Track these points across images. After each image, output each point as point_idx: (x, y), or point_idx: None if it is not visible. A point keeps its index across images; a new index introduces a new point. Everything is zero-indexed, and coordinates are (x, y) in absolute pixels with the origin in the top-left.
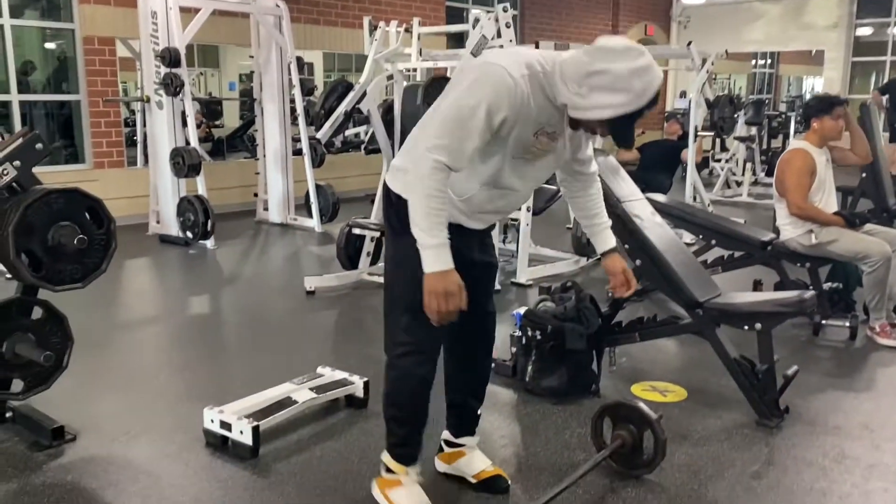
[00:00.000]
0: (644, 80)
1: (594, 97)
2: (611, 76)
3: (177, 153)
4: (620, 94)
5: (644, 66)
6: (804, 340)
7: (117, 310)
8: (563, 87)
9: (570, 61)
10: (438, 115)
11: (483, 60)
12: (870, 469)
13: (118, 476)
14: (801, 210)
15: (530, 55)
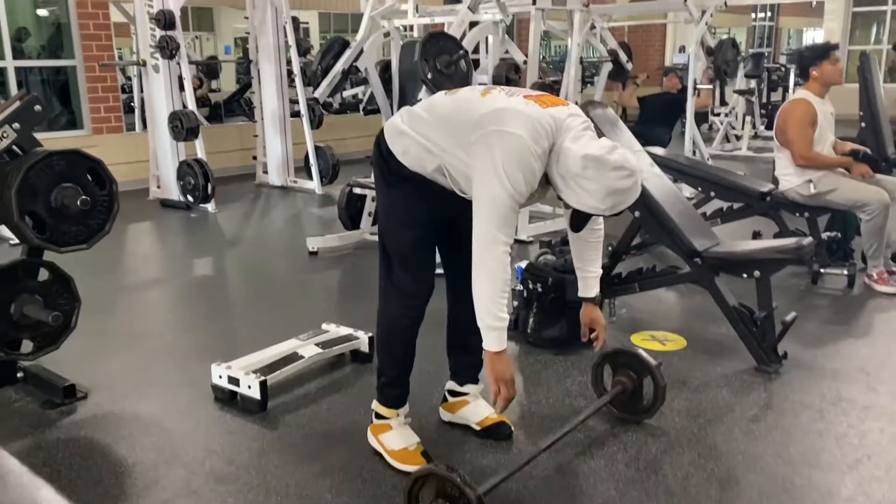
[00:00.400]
0: (617, 199)
1: (572, 189)
2: (594, 186)
3: (175, 117)
4: (592, 200)
5: (625, 188)
6: (803, 289)
7: (121, 273)
8: (554, 166)
9: (569, 153)
10: (495, 211)
11: (511, 132)
12: (866, 410)
13: (130, 430)
14: (807, 160)
15: (544, 120)
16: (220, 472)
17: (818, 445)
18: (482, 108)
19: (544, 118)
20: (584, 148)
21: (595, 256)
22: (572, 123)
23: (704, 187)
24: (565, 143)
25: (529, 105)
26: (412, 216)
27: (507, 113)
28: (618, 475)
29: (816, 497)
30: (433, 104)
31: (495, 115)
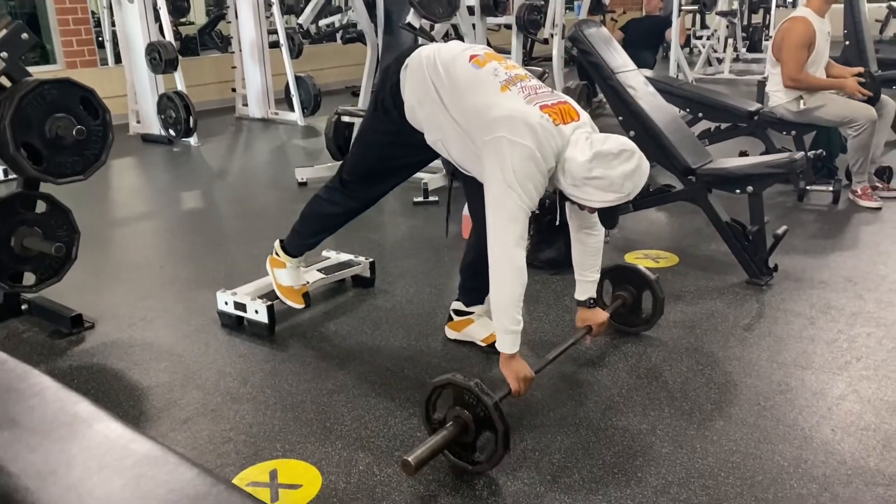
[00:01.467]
0: (634, 181)
1: (588, 192)
2: (606, 181)
3: (152, 48)
4: (612, 193)
5: (634, 168)
6: (790, 206)
7: (112, 208)
8: (562, 177)
9: (573, 162)
10: (509, 215)
11: (524, 145)
12: (853, 317)
13: (141, 356)
14: (795, 82)
15: (554, 138)
16: (236, 391)
17: (810, 350)
18: (498, 108)
19: (554, 136)
20: (582, 152)
21: (594, 262)
22: (574, 136)
23: (692, 108)
24: (567, 153)
25: (543, 119)
26: (390, 153)
27: (520, 126)
28: (620, 382)
29: (809, 396)
30: (454, 69)
31: (509, 123)
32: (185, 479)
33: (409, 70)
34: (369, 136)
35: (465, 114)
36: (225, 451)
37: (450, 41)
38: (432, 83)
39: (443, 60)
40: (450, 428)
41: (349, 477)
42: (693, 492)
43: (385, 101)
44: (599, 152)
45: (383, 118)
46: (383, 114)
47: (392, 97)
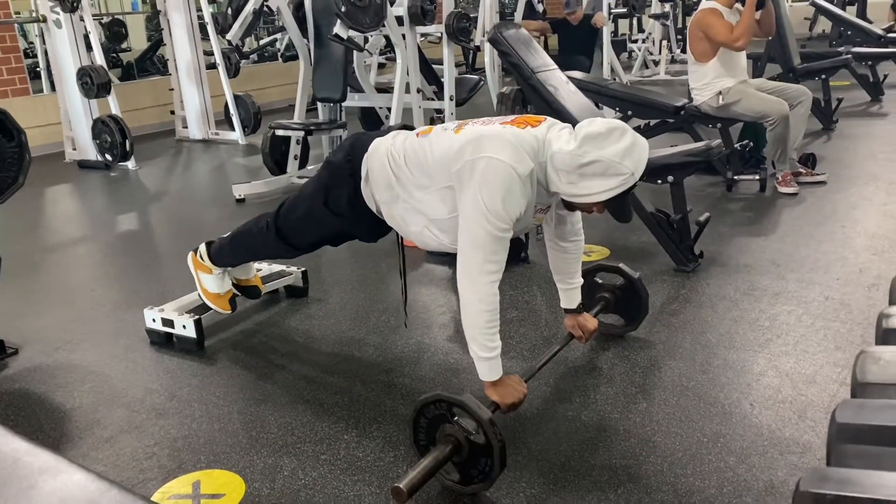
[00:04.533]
0: (633, 157)
1: (587, 184)
2: (603, 164)
3: (83, 73)
4: (613, 178)
5: (630, 143)
6: (718, 196)
7: (44, 234)
8: (556, 177)
9: (561, 154)
10: (477, 242)
11: (490, 157)
12: (775, 296)
13: (66, 379)
14: (738, 41)
15: (525, 140)
16: (162, 407)
17: (733, 330)
18: (460, 139)
19: (525, 138)
20: (568, 142)
21: (576, 268)
22: (551, 135)
23: (622, 106)
24: (554, 147)
25: (507, 129)
26: (335, 231)
27: (485, 139)
28: (549, 372)
29: (731, 374)
30: (408, 147)
31: (474, 144)
32: (89, 490)
33: (372, 167)
34: (315, 211)
35: (433, 172)
36: (147, 466)
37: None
38: (393, 174)
39: (396, 149)
40: (441, 448)
41: (273, 483)
42: (614, 473)
43: (346, 171)
44: (587, 135)
45: (335, 192)
46: (348, 181)
47: (353, 169)
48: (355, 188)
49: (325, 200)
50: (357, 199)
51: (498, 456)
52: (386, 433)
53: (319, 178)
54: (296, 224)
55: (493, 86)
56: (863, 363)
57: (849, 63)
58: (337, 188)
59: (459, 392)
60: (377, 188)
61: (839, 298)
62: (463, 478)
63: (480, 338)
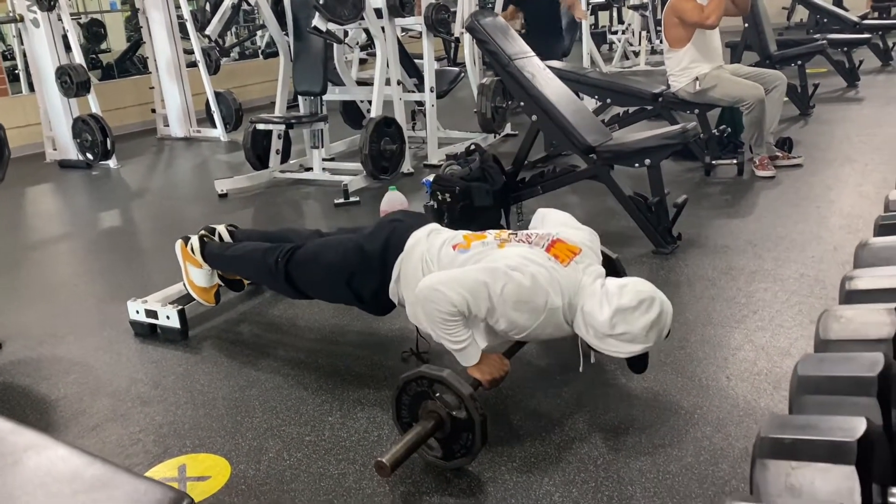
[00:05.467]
0: (658, 329)
1: (612, 344)
2: (630, 335)
3: (63, 72)
4: (637, 345)
5: (657, 316)
6: (697, 181)
7: (25, 233)
8: (584, 329)
9: (593, 317)
10: (462, 275)
11: (534, 276)
12: (752, 275)
13: (50, 371)
14: (708, 18)
15: (565, 281)
16: (147, 395)
17: (710, 308)
18: (498, 256)
19: (564, 276)
20: (601, 308)
21: None
22: (586, 280)
23: (601, 94)
24: (586, 306)
25: (551, 261)
26: (349, 300)
27: (527, 266)
28: (530, 352)
29: (708, 349)
30: (442, 259)
31: (518, 263)
32: (86, 471)
33: (405, 271)
34: (335, 284)
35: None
36: (133, 451)
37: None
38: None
39: (431, 256)
40: (424, 424)
41: (259, 464)
42: (594, 445)
43: (372, 264)
44: (619, 308)
45: (361, 279)
46: (363, 274)
47: (385, 264)
48: (383, 283)
49: (349, 282)
50: (382, 293)
51: (479, 430)
52: (370, 414)
53: (346, 258)
54: (308, 281)
55: (473, 78)
56: (825, 321)
57: (824, 49)
58: (364, 276)
59: (442, 370)
60: (406, 288)
61: (814, 275)
62: (445, 453)
63: (446, 335)
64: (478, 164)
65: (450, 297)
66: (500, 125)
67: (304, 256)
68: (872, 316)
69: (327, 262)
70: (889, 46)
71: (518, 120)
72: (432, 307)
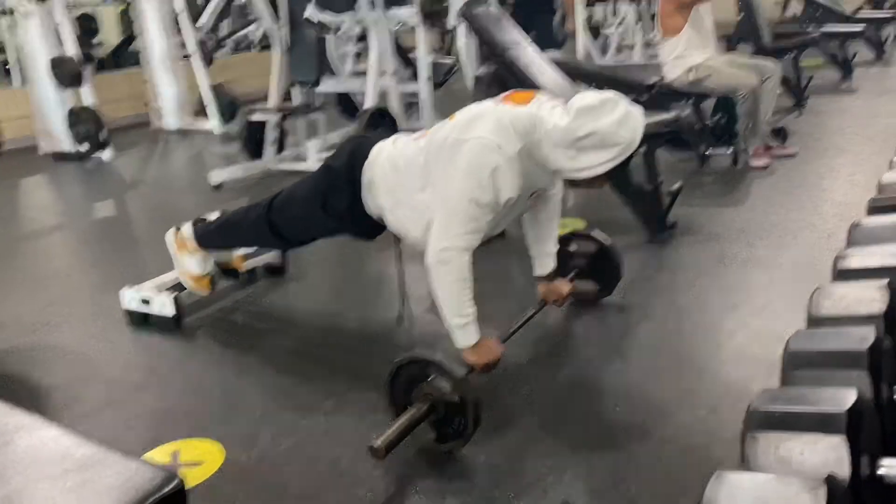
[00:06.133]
0: (629, 127)
1: (585, 158)
2: (598, 136)
3: (56, 63)
4: (611, 148)
5: (624, 113)
6: (692, 171)
7: (19, 224)
8: (553, 154)
9: (556, 129)
10: (451, 211)
11: (478, 137)
12: (745, 262)
13: (43, 359)
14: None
15: (518, 118)
16: (141, 382)
17: (704, 295)
18: (452, 124)
19: (518, 116)
20: (561, 117)
21: (551, 234)
22: (543, 112)
23: (595, 85)
24: (547, 126)
25: (499, 108)
26: (332, 228)
27: (475, 121)
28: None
29: (702, 335)
30: (406, 153)
31: (464, 124)
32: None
33: (374, 175)
34: (312, 214)
35: (431, 166)
36: (126, 437)
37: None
38: (395, 179)
39: (398, 153)
40: (417, 407)
41: (252, 449)
42: (587, 428)
43: (346, 174)
44: (580, 108)
45: (334, 197)
46: (346, 186)
47: (352, 173)
48: (354, 195)
49: (323, 205)
50: (356, 206)
51: (472, 413)
52: (364, 400)
53: (317, 182)
54: (290, 221)
55: (468, 70)
56: (817, 298)
57: (818, 41)
58: (336, 194)
59: (435, 353)
60: (378, 194)
61: (807, 262)
62: (439, 436)
63: (454, 306)
64: None
65: (458, 245)
66: None
67: (281, 199)
68: (864, 292)
69: (301, 194)
70: (883, 39)
71: None
72: (447, 271)
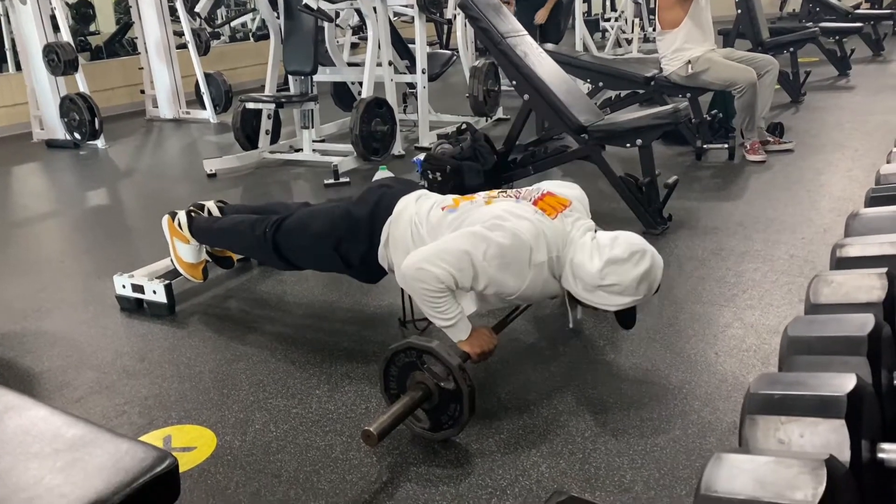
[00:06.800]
0: (648, 282)
1: (602, 296)
2: (620, 287)
3: (50, 49)
4: (627, 297)
5: (648, 269)
6: (688, 165)
7: (11, 210)
8: (573, 282)
9: (583, 269)
10: (444, 248)
11: (516, 232)
12: (742, 255)
13: (34, 345)
14: None
15: (553, 234)
16: (132, 368)
17: (700, 287)
18: (487, 211)
19: (554, 231)
20: (591, 259)
21: None
22: (574, 234)
23: (593, 77)
24: (575, 258)
25: (537, 214)
26: (339, 268)
27: (512, 215)
28: (519, 328)
29: (698, 326)
30: (431, 221)
31: (501, 216)
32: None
33: (393, 234)
34: (323, 251)
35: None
36: (118, 423)
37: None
38: (413, 243)
39: (420, 218)
40: (412, 394)
41: (245, 436)
42: (582, 418)
43: (360, 229)
44: (610, 259)
45: (349, 245)
46: (351, 240)
47: (372, 230)
48: (371, 248)
49: (337, 248)
50: (371, 257)
51: (467, 401)
52: (358, 388)
53: (334, 224)
54: (297, 250)
55: (466, 62)
56: (816, 285)
57: (816, 36)
58: (352, 242)
59: (430, 341)
60: (395, 253)
61: (804, 256)
62: (433, 424)
63: (434, 313)
64: (469, 144)
65: (434, 273)
66: (491, 109)
67: (291, 225)
68: (863, 280)
69: (315, 229)
70: (881, 36)
71: (510, 104)
72: (419, 286)
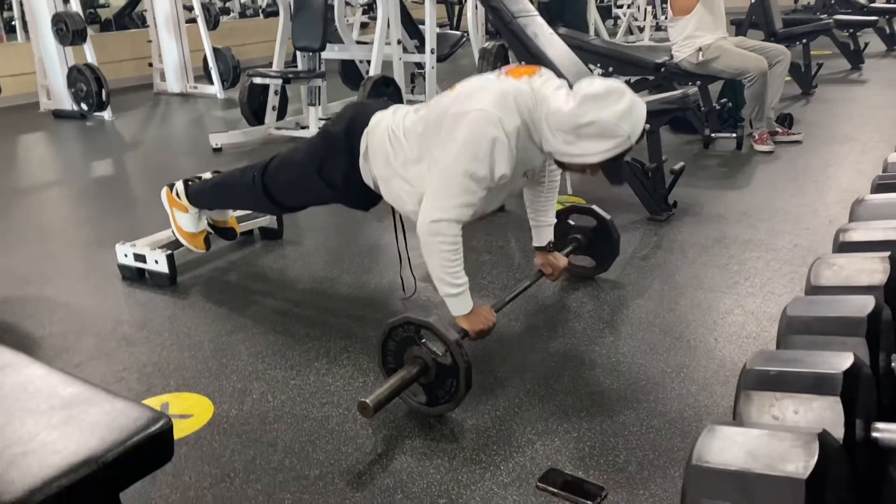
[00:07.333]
0: (630, 121)
1: (583, 145)
2: (599, 125)
3: (59, 19)
4: (609, 140)
5: (628, 107)
6: (696, 153)
7: (16, 178)
8: (551, 136)
9: (558, 113)
10: (445, 182)
11: (479, 109)
12: (746, 244)
13: (35, 310)
14: None
15: (520, 94)
16: (132, 336)
17: (702, 274)
18: (452, 95)
19: (521, 90)
20: (566, 101)
21: (549, 206)
22: (547, 91)
23: (603, 63)
24: (550, 107)
25: (502, 80)
26: (326, 195)
27: (475, 92)
28: (517, 309)
29: (698, 312)
30: (406, 124)
31: (465, 97)
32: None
33: (371, 143)
34: (307, 179)
35: (429, 136)
36: (116, 389)
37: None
38: (392, 149)
39: (396, 124)
40: (409, 368)
41: (242, 405)
42: (577, 398)
43: (345, 142)
44: (586, 95)
45: (331, 164)
46: (345, 154)
47: (351, 141)
48: (352, 163)
49: (319, 170)
50: (353, 173)
51: (464, 376)
52: (356, 361)
53: (314, 147)
54: (285, 186)
55: (476, 44)
56: (817, 268)
57: (829, 28)
58: (333, 160)
59: (429, 316)
60: (375, 164)
61: (807, 246)
62: (429, 399)
63: (446, 276)
64: None
65: (449, 217)
66: None
67: (276, 163)
68: (864, 263)
69: (297, 159)
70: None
71: None
72: (439, 241)
